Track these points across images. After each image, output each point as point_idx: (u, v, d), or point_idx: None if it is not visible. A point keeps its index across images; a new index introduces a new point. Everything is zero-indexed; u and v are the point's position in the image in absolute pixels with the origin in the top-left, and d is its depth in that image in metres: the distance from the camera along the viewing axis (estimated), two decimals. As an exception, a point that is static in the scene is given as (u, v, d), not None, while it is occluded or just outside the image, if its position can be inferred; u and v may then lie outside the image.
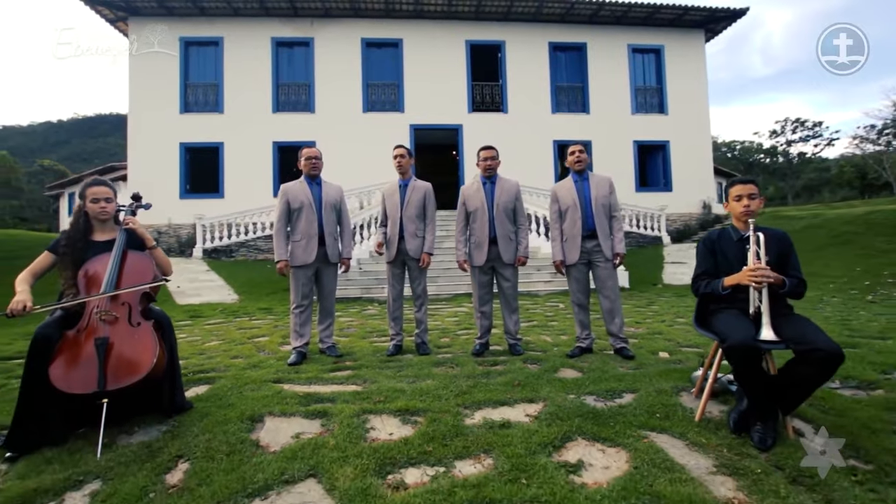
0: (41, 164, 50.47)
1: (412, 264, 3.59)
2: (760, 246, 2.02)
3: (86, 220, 2.28)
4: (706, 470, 1.69)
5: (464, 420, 2.14)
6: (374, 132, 13.83)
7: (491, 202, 3.37)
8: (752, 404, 1.87)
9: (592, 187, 3.33)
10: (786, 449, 1.78)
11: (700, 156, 15.31)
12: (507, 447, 1.85)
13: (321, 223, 3.45)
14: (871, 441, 1.82)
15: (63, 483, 1.69)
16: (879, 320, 4.32)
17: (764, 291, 1.92)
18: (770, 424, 1.85)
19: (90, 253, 2.23)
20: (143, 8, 13.57)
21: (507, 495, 1.54)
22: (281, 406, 2.32)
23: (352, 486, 1.62)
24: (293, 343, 3.36)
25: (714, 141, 53.39)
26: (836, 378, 2.54)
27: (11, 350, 4.00)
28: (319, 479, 1.69)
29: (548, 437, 1.92)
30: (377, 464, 1.76)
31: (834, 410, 2.12)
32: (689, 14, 14.85)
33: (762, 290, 1.92)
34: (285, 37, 14.10)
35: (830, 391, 2.35)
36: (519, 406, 2.29)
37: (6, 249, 7.43)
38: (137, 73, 13.69)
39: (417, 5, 13.94)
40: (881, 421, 1.99)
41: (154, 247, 2.36)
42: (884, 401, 2.21)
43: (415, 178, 3.68)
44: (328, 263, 3.51)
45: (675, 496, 1.51)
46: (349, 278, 8.44)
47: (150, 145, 13.56)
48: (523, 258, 3.39)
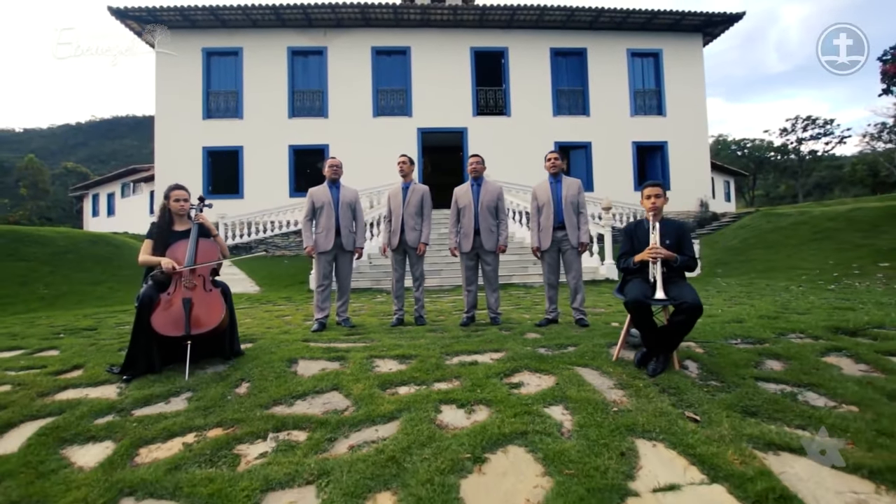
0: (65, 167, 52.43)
1: (411, 252, 4.37)
2: (655, 231, 2.74)
3: (169, 215, 3.10)
4: (606, 386, 2.44)
5: (444, 361, 2.91)
6: (384, 135, 14.65)
7: (477, 200, 4.14)
8: (648, 346, 2.61)
9: (564, 188, 4.08)
10: (670, 375, 2.51)
11: (697, 156, 15.83)
12: (471, 375, 2.61)
13: (338, 218, 4.24)
14: (730, 371, 2.55)
15: (166, 392, 2.50)
16: (815, 302, 4.97)
17: (658, 265, 2.64)
18: (661, 360, 2.58)
19: (172, 239, 3.03)
20: (168, 21, 14.56)
21: (465, 397, 2.30)
22: (309, 353, 3.12)
23: (362, 393, 2.40)
24: (315, 315, 4.16)
25: (724, 139, 53.26)
26: (738, 336, 3.25)
27: (84, 324, 4.86)
28: (340, 391, 2.48)
29: (501, 370, 2.68)
30: (380, 383, 2.54)
31: (718, 354, 2.84)
32: (687, 19, 15.40)
33: (658, 263, 2.65)
34: (300, 46, 14.98)
35: (726, 345, 3.06)
36: (486, 354, 3.05)
37: (59, 245, 8.39)
38: (163, 82, 14.69)
39: (424, 14, 14.72)
40: (748, 361, 2.71)
41: (216, 235, 3.16)
42: (762, 350, 2.92)
43: (415, 182, 4.45)
44: (344, 251, 4.30)
45: (577, 398, 2.26)
46: (361, 271, 9.24)
47: (176, 149, 14.54)
48: (503, 246, 4.15)
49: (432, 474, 1.66)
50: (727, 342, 3.12)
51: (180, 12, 14.13)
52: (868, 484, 1.55)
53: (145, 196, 23.95)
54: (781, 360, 2.74)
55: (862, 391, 2.23)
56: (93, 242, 9.02)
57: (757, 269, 9.17)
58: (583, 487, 1.56)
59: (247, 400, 2.38)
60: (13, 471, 1.82)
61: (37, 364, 3.11)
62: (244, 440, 2.00)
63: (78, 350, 3.42)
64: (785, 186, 48.81)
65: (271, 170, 14.62)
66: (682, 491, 1.57)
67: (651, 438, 1.88)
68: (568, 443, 1.86)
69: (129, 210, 24.76)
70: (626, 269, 2.86)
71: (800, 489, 1.52)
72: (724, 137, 53.88)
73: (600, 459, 1.73)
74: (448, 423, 2.09)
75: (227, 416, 2.20)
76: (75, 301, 6.82)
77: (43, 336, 4.06)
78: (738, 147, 52.34)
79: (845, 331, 3.29)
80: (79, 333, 4.17)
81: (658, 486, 1.60)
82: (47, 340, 3.86)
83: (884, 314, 3.84)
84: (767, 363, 2.70)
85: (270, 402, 2.35)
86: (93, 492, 1.66)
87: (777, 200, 48.50)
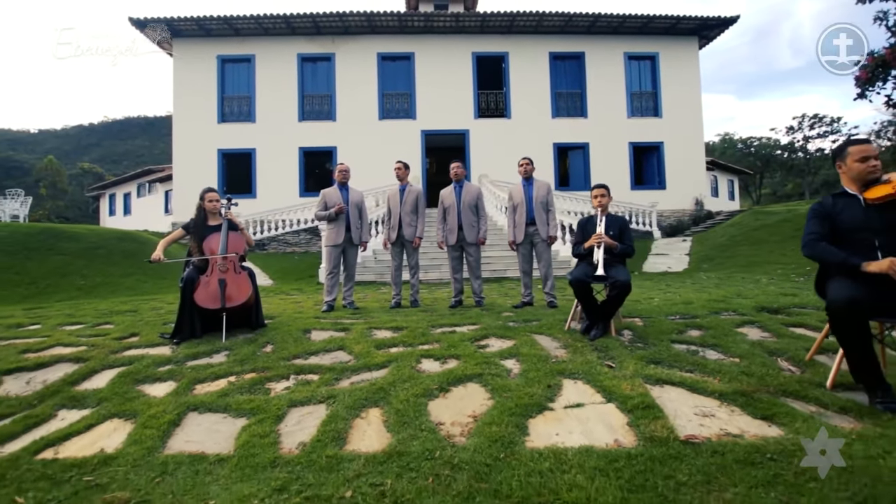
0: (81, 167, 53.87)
1: (408, 245, 5.03)
2: (602, 223, 3.37)
3: (203, 213, 3.79)
4: (553, 347, 3.08)
5: (429, 331, 3.57)
6: (389, 137, 15.35)
7: (459, 200, 4.80)
8: (589, 317, 3.25)
9: (534, 189, 4.72)
10: (606, 340, 3.15)
11: (693, 156, 16.31)
12: (449, 340, 3.27)
13: (347, 216, 4.92)
14: (655, 337, 3.18)
15: (209, 351, 3.19)
16: (771, 290, 5.55)
17: (601, 249, 3.28)
18: (600, 328, 3.22)
19: (207, 232, 3.73)
20: (185, 30, 15.38)
21: (441, 353, 2.97)
22: (320, 326, 3.80)
23: (361, 351, 3.07)
24: (325, 298, 4.85)
25: (730, 138, 53.17)
26: (677, 313, 3.86)
27: (125, 308, 5.59)
28: (344, 350, 3.15)
29: (473, 336, 3.34)
30: (376, 345, 3.22)
31: (652, 325, 3.48)
32: (682, 23, 15.88)
33: (601, 248, 3.28)
34: (309, 53, 15.72)
35: (663, 319, 3.68)
36: (465, 326, 3.71)
37: (90, 241, 9.18)
38: (180, 88, 15.51)
39: (427, 21, 15.38)
40: (674, 330, 3.34)
41: (242, 229, 3.85)
42: (690, 323, 3.54)
43: (410, 184, 5.12)
44: (351, 244, 4.98)
45: (528, 353, 2.90)
46: (366, 266, 9.93)
47: (192, 151, 15.36)
48: (482, 239, 4.81)
49: (409, 397, 2.33)
50: (667, 318, 3.74)
51: (196, 22, 14.92)
52: (714, 401, 2.18)
53: (160, 196, 24.90)
54: (702, 329, 3.36)
55: (750, 349, 2.86)
56: (120, 239, 9.81)
57: (739, 264, 9.71)
58: (514, 404, 2.21)
59: (272, 355, 3.06)
60: (107, 397, 2.52)
61: (100, 333, 3.83)
62: (272, 380, 2.68)
63: (129, 324, 4.14)
64: (792, 185, 48.68)
65: (282, 171, 15.38)
66: (584, 407, 2.21)
67: (574, 378, 2.53)
68: (512, 381, 2.51)
69: (145, 209, 25.72)
70: (578, 255, 3.50)
71: (665, 405, 2.16)
72: (730, 136, 53.79)
73: (532, 389, 2.37)
74: (425, 369, 2.75)
75: (258, 365, 2.88)
76: (109, 291, 7.59)
77: (95, 315, 4.79)
78: (744, 145, 52.33)
79: (770, 309, 3.89)
80: (123, 314, 4.89)
81: (569, 404, 2.24)
82: (101, 318, 4.59)
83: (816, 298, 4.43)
84: (689, 332, 3.32)
85: (290, 357, 3.03)
86: (167, 408, 2.34)
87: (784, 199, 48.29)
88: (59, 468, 1.85)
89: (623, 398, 2.21)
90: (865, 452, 1.64)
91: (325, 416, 2.19)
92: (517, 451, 1.79)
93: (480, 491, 1.55)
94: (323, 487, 1.62)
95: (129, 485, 1.71)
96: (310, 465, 1.78)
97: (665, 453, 1.73)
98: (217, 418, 2.26)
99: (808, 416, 1.98)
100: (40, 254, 8.22)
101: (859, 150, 2.27)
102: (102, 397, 2.53)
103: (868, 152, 2.26)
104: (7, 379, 2.88)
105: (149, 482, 1.72)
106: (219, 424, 2.20)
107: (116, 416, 2.31)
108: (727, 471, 1.61)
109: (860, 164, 2.25)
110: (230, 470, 1.78)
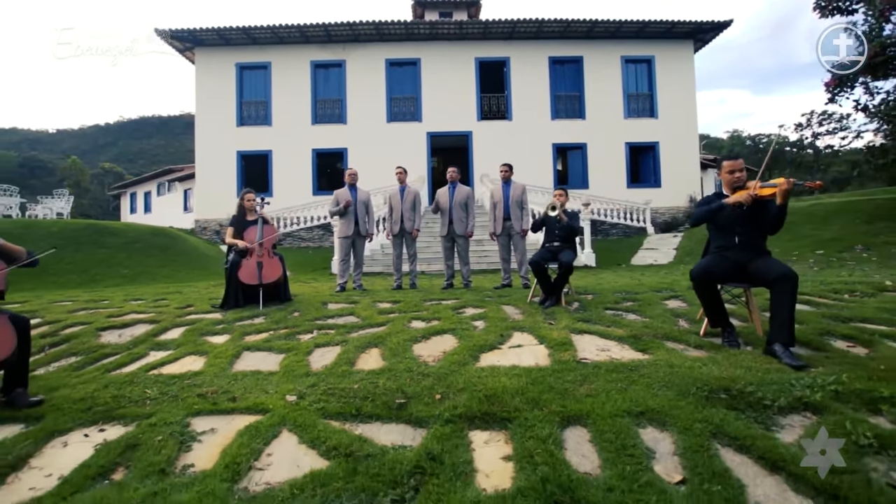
0: (102, 167, 55.77)
1: (407, 237, 5.97)
2: (556, 212, 4.26)
3: (242, 210, 4.76)
4: (514, 313, 3.99)
5: (421, 303, 4.50)
6: (397, 139, 16.29)
7: (452, 199, 5.71)
8: (544, 291, 4.15)
9: (511, 190, 5.62)
10: (556, 309, 4.04)
11: (687, 154, 16.98)
12: (435, 308, 4.20)
13: (356, 212, 5.86)
14: (595, 306, 4.07)
15: (251, 315, 4.16)
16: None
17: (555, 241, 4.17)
18: (552, 300, 4.11)
19: (246, 226, 4.69)
20: (206, 40, 16.47)
21: (427, 317, 3.90)
22: (335, 299, 4.77)
23: (366, 315, 4.02)
24: (338, 281, 5.82)
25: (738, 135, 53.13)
26: (623, 291, 4.73)
27: (170, 290, 6.60)
28: (354, 315, 4.10)
29: (455, 307, 4.26)
30: (378, 312, 4.16)
31: (597, 299, 4.36)
32: (677, 27, 16.53)
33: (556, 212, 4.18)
34: (322, 59, 16.72)
35: (610, 295, 4.55)
36: (450, 300, 4.63)
37: (129, 236, 10.29)
38: (202, 94, 16.62)
39: (433, 29, 16.27)
40: (612, 302, 4.22)
41: (272, 223, 4.81)
42: (629, 297, 4.41)
43: (408, 185, 6.04)
44: (360, 236, 5.93)
45: (493, 316, 3.82)
46: (374, 259, 10.89)
47: (213, 153, 16.46)
48: (470, 232, 5.72)
49: (400, 342, 3.25)
50: (613, 294, 4.62)
51: (217, 32, 15.99)
52: (613, 342, 3.07)
53: (179, 194, 26.14)
54: (636, 302, 4.23)
55: (662, 314, 3.73)
56: (154, 234, 10.91)
57: (718, 257, 10.45)
58: (473, 344, 3.12)
59: (299, 318, 4.03)
60: (182, 343, 3.50)
61: (160, 306, 4.83)
62: (300, 333, 3.63)
63: (183, 299, 5.14)
64: (801, 182, 48.49)
65: (296, 171, 16.41)
66: (522, 347, 3.11)
67: (522, 331, 3.43)
68: (476, 332, 3.43)
69: (165, 207, 26.94)
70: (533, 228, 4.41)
71: (577, 344, 3.05)
72: (738, 133, 53.76)
73: (489, 337, 3.29)
74: (414, 326, 3.68)
75: (289, 325, 3.84)
76: (149, 279, 8.65)
77: (150, 295, 5.81)
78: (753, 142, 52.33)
79: (701, 288, 4.74)
80: (172, 294, 5.90)
81: (512, 345, 3.15)
82: (157, 296, 5.60)
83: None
84: (624, 303, 4.20)
85: (313, 319, 3.99)
86: (228, 349, 3.30)
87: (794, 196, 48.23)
88: (165, 378, 2.81)
89: (550, 341, 3.11)
90: (690, 366, 2.53)
91: (339, 351, 3.13)
92: (467, 368, 2.71)
93: (438, 384, 2.47)
94: (339, 384, 2.55)
95: (215, 384, 2.66)
96: (330, 374, 2.72)
97: (563, 367, 2.63)
98: (264, 354, 3.21)
99: (671, 350, 2.87)
100: (87, 247, 9.33)
101: (729, 165, 3.13)
102: (179, 343, 3.50)
103: (734, 167, 3.11)
104: (104, 333, 3.87)
105: (227, 383, 2.67)
106: (266, 357, 3.15)
107: (193, 354, 3.28)
108: (599, 374, 2.50)
109: (728, 175, 3.11)
110: (278, 378, 2.73)
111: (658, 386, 2.31)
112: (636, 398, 2.16)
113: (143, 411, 2.32)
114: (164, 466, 1.82)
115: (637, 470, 1.66)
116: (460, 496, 1.57)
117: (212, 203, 16.37)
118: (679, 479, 1.63)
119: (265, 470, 1.81)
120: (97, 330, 3.92)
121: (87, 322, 4.15)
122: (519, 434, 1.93)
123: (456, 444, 1.89)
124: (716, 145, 56.13)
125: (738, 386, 2.18)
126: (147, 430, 2.10)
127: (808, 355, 2.67)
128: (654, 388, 2.29)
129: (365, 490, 1.63)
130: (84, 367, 3.14)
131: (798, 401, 2.04)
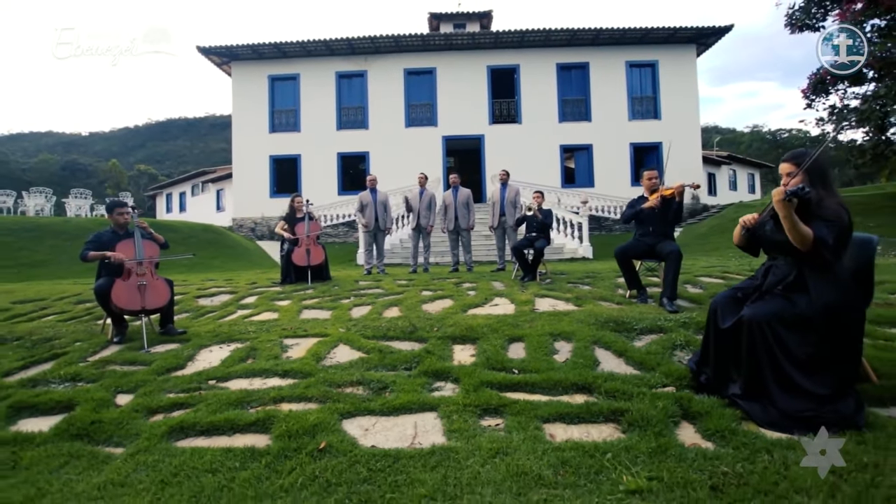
0: (138, 169, 58.96)
1: (423, 231, 7.31)
2: (539, 214, 5.52)
3: (293, 209, 6.17)
4: (500, 286, 5.29)
5: (430, 281, 5.83)
6: (415, 143, 17.66)
7: (455, 200, 7.03)
8: (524, 270, 5.42)
9: (507, 192, 6.89)
10: (532, 284, 5.31)
11: (690, 153, 17.82)
12: (441, 285, 5.53)
13: (376, 212, 7.23)
14: (562, 281, 5.32)
15: (302, 288, 5.58)
16: (696, 265, 7.47)
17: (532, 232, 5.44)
18: (529, 277, 5.39)
19: (296, 222, 6.11)
20: (241, 55, 18.13)
21: (434, 288, 5.24)
22: (364, 279, 6.16)
23: (389, 288, 5.40)
24: (364, 266, 7.22)
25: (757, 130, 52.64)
26: (591, 272, 5.96)
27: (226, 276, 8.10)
28: (379, 288, 5.47)
29: (455, 282, 5.59)
30: (398, 287, 5.52)
31: (565, 275, 5.60)
32: (680, 33, 17.39)
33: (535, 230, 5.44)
34: (345, 70, 18.20)
35: (577, 273, 5.78)
36: (452, 279, 5.95)
37: (184, 232, 11.95)
38: (238, 103, 18.31)
39: (448, 40, 17.56)
40: (577, 278, 5.46)
41: (317, 219, 6.20)
42: (589, 275, 5.64)
43: (426, 189, 7.38)
44: (380, 230, 7.32)
45: (483, 288, 5.13)
46: (394, 252, 12.28)
47: (248, 157, 18.14)
48: (472, 226, 7.02)
49: (413, 303, 4.58)
50: (582, 275, 5.85)
51: (251, 48, 17.64)
52: (562, 302, 4.34)
53: (212, 194, 28.06)
54: (594, 278, 5.47)
55: (609, 285, 4.96)
56: (204, 230, 12.56)
57: (706, 249, 11.49)
58: (463, 304, 4.43)
59: (339, 290, 5.42)
60: (257, 304, 4.92)
61: (230, 285, 6.28)
62: (342, 299, 5.01)
63: (246, 280, 6.60)
64: (822, 177, 47.88)
65: (323, 173, 17.95)
66: (498, 305, 4.41)
67: (501, 297, 4.72)
68: (468, 297, 4.74)
69: (199, 207, 28.87)
70: (517, 222, 5.66)
71: (536, 303, 4.33)
72: (759, 128, 53.30)
73: (476, 299, 4.59)
74: (423, 294, 5.02)
75: (332, 294, 5.23)
76: (204, 268, 10.23)
77: (216, 279, 7.30)
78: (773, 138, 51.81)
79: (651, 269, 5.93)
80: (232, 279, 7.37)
81: (492, 305, 4.45)
82: (223, 279, 7.08)
83: (707, 266, 6.41)
84: (585, 279, 5.44)
85: (349, 291, 5.38)
86: (292, 307, 4.69)
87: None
88: (256, 323, 4.21)
89: (518, 301, 4.41)
90: (602, 311, 3.78)
91: (371, 308, 4.50)
92: (457, 316, 4.03)
93: (436, 323, 3.80)
94: (372, 323, 3.90)
95: (290, 325, 4.04)
96: (365, 320, 4.08)
97: (521, 314, 3.93)
98: (318, 312, 4.60)
99: (598, 304, 4.13)
100: (152, 241, 10.99)
101: (647, 175, 4.35)
102: (256, 304, 4.92)
103: (651, 176, 4.33)
104: (200, 300, 5.33)
105: (299, 324, 4.06)
106: (320, 313, 4.54)
107: (268, 311, 4.69)
108: (542, 317, 3.79)
109: (645, 181, 4.34)
110: (330, 322, 4.10)
111: (575, 322, 3.58)
112: (558, 327, 3.44)
113: (251, 336, 3.72)
114: (276, 356, 3.21)
115: (543, 356, 2.96)
116: (442, 365, 2.89)
117: (247, 203, 18.06)
118: (564, 360, 2.92)
119: (333, 358, 3.17)
120: (194, 297, 5.39)
121: (184, 293, 5.62)
122: (481, 345, 3.24)
123: (443, 348, 3.22)
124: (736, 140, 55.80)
125: (623, 319, 3.44)
126: (258, 345, 3.49)
127: (688, 306, 3.90)
128: (572, 323, 3.57)
129: (389, 364, 2.97)
130: (197, 318, 4.58)
131: (655, 326, 3.29)
